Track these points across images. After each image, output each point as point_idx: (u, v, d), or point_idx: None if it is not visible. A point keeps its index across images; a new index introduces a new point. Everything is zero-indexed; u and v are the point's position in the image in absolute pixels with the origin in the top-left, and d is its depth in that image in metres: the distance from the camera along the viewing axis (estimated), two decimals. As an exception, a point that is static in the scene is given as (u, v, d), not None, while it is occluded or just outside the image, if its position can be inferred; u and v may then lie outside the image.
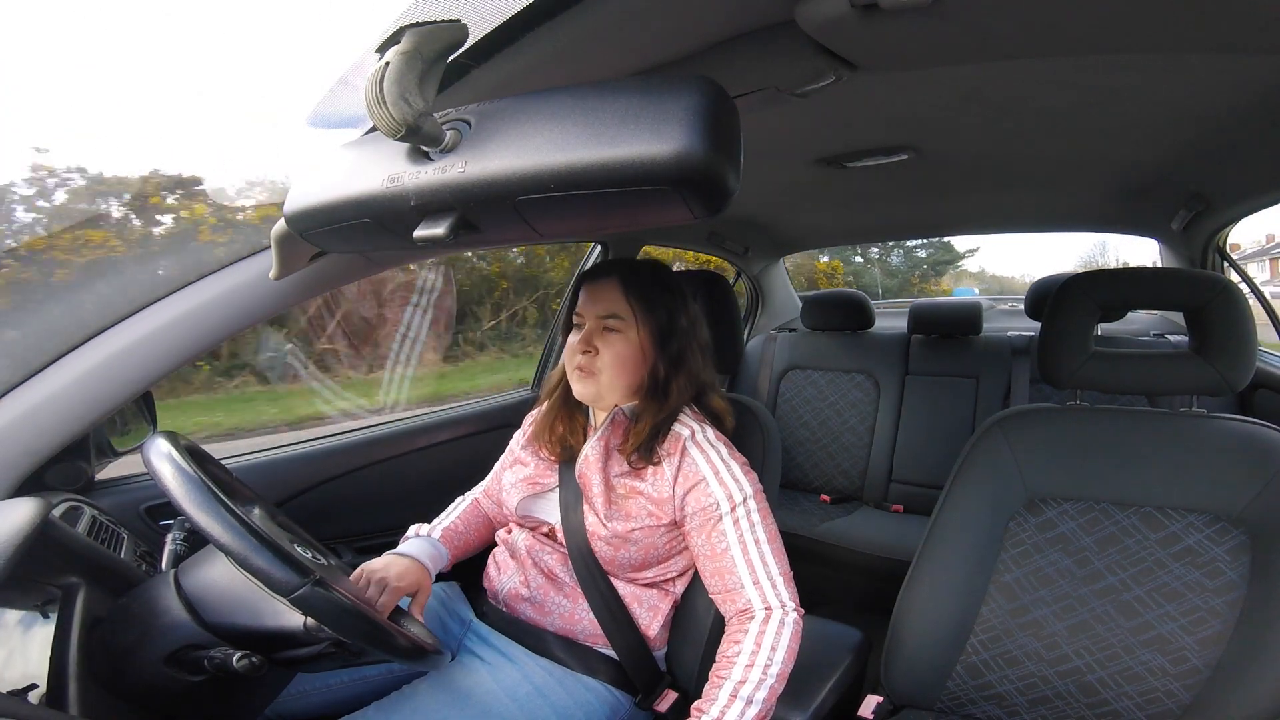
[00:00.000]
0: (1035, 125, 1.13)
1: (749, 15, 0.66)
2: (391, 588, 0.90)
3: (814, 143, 1.24)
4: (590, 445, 0.97)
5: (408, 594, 0.93)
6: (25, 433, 0.85)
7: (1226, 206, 1.45)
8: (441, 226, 0.51)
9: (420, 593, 0.95)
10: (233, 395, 4.29)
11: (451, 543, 1.06)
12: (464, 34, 0.49)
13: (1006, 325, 2.38)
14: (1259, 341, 1.05)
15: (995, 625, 1.00)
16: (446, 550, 1.04)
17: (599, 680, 0.95)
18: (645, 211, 0.49)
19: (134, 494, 1.13)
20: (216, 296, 0.91)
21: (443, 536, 1.06)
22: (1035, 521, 1.02)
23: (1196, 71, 0.87)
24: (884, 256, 12.18)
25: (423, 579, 0.96)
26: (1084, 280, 1.04)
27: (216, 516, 0.65)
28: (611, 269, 0.97)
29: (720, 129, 0.44)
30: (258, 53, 8.52)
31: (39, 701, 0.66)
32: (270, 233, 0.83)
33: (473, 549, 1.11)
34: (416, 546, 1.00)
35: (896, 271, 12.41)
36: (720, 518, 0.90)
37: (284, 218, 0.62)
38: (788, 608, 0.88)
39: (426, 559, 0.98)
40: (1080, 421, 1.04)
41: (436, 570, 1.00)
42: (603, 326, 0.94)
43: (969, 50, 0.72)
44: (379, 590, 0.89)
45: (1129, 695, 0.91)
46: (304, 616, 0.70)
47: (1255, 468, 0.91)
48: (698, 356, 0.98)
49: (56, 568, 0.75)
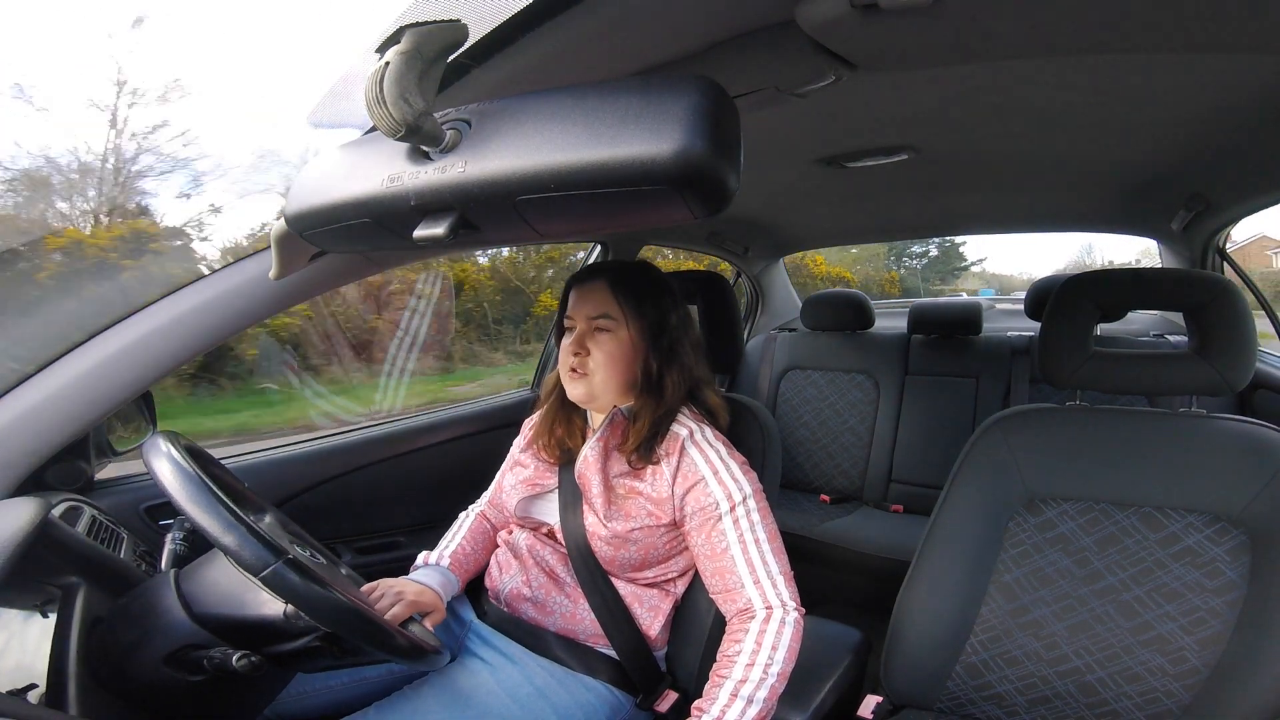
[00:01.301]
0: (1035, 125, 1.13)
1: (749, 15, 0.66)
2: (408, 601, 0.91)
3: (814, 143, 1.24)
4: (589, 446, 0.97)
5: (420, 613, 0.94)
6: (25, 432, 0.85)
7: (1226, 206, 1.45)
8: (441, 226, 0.51)
9: (435, 613, 0.96)
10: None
11: (461, 567, 1.06)
12: (464, 34, 0.49)
13: (1006, 325, 2.38)
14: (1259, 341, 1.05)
15: (995, 625, 1.00)
16: (456, 577, 1.04)
17: (600, 680, 0.95)
18: (645, 211, 0.49)
19: (134, 494, 1.13)
20: (216, 296, 0.91)
21: (451, 563, 1.05)
22: (1035, 521, 1.02)
23: (1196, 71, 0.87)
24: (896, 262, 12.64)
25: (436, 602, 0.96)
26: (1084, 280, 1.04)
27: (214, 513, 0.65)
28: (600, 271, 0.98)
29: (720, 129, 0.44)
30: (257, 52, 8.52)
31: (38, 701, 0.66)
32: (270, 232, 0.83)
33: (482, 568, 1.10)
34: (428, 575, 1.00)
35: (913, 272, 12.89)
36: (720, 517, 0.90)
37: (284, 218, 0.62)
38: (788, 607, 0.88)
39: (439, 586, 0.99)
40: (1080, 422, 1.04)
41: (449, 597, 1.00)
42: (594, 328, 0.95)
43: (969, 50, 0.72)
44: (391, 602, 0.90)
45: (1128, 695, 0.91)
46: (284, 605, 0.70)
47: (1255, 468, 0.91)
48: (690, 352, 0.99)
49: (56, 567, 0.75)
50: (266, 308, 0.96)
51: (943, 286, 12.68)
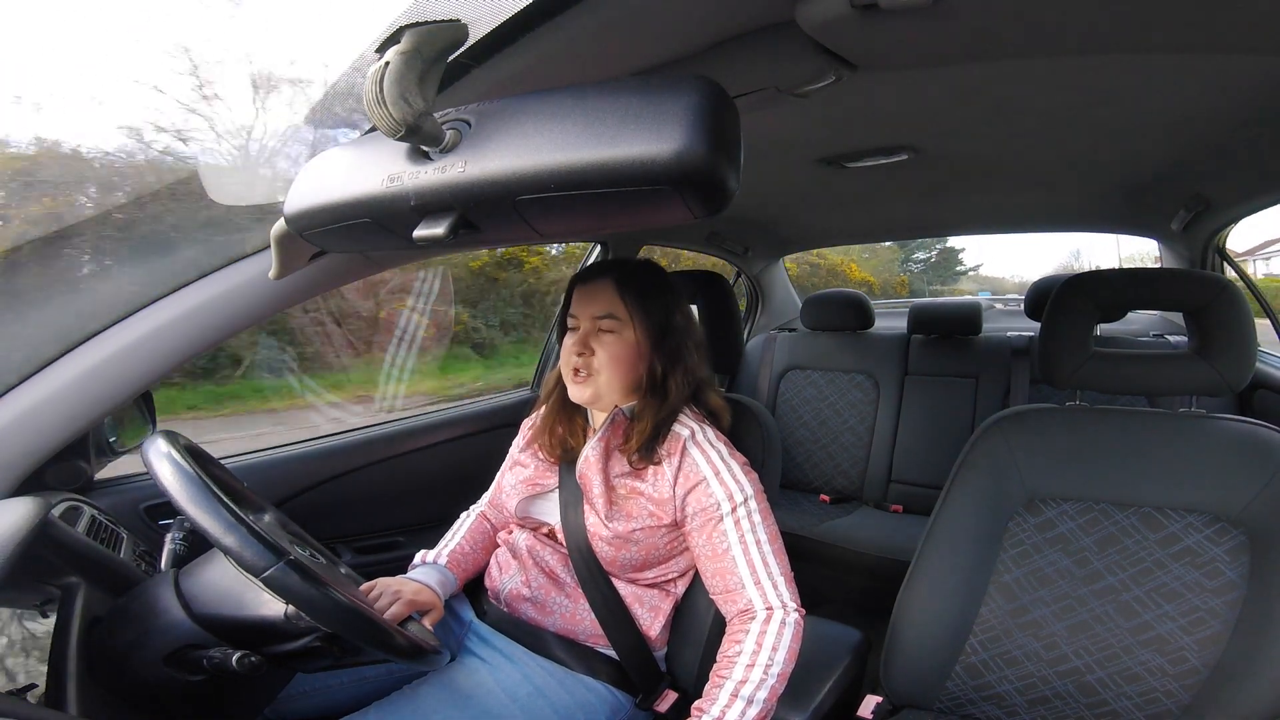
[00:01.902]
0: (1035, 125, 1.13)
1: (749, 15, 0.66)
2: (406, 599, 0.91)
3: (814, 143, 1.24)
4: (590, 446, 0.97)
5: (419, 611, 0.94)
6: (25, 432, 0.85)
7: (1227, 207, 1.45)
8: (441, 226, 0.51)
9: (433, 611, 0.96)
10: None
11: (459, 566, 1.06)
12: (464, 34, 0.49)
13: (1006, 325, 2.38)
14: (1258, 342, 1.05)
15: (994, 625, 1.00)
16: (454, 576, 1.04)
17: (599, 680, 0.95)
18: (645, 211, 0.49)
19: (133, 493, 1.13)
20: (216, 296, 0.91)
21: (449, 562, 1.05)
22: (1035, 522, 1.02)
23: (1196, 71, 0.87)
24: (902, 266, 12.94)
25: (434, 601, 0.96)
26: (1084, 280, 1.04)
27: (215, 513, 0.66)
28: (605, 269, 0.97)
29: (720, 129, 0.44)
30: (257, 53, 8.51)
31: (38, 701, 0.66)
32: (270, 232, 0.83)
33: (481, 568, 1.10)
34: (425, 573, 1.00)
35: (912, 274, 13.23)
36: (721, 518, 0.90)
37: (284, 217, 0.62)
38: (788, 608, 0.88)
39: (436, 584, 0.99)
40: (1080, 422, 1.04)
41: (446, 596, 1.00)
42: (598, 328, 0.95)
43: (969, 50, 0.72)
44: (390, 600, 0.90)
45: (1128, 695, 0.91)
46: (285, 605, 0.70)
47: (1255, 468, 0.91)
48: (693, 353, 0.98)
49: (56, 567, 0.75)
50: (266, 308, 0.96)
51: (941, 288, 13.10)
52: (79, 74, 3.84)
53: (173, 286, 0.91)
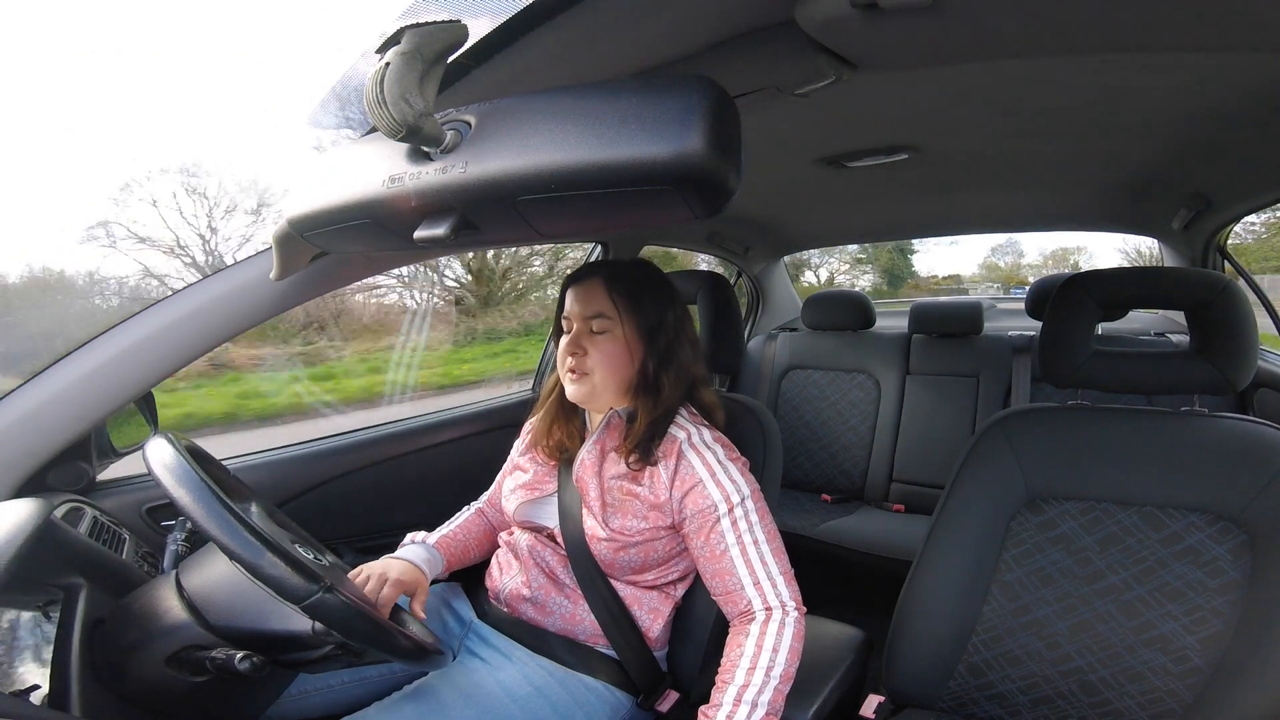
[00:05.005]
0: (1035, 125, 1.13)
1: (749, 15, 0.66)
2: (392, 580, 0.91)
3: (814, 143, 1.24)
4: (586, 449, 0.97)
5: (406, 592, 0.93)
6: (27, 434, 0.85)
7: (1227, 205, 1.44)
8: (442, 227, 0.51)
9: (419, 591, 0.95)
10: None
11: (448, 549, 1.06)
12: (464, 34, 0.49)
13: (1007, 324, 2.38)
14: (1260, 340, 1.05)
15: (997, 625, 1.00)
16: (442, 556, 1.04)
17: (600, 680, 0.95)
18: (645, 211, 0.49)
19: (135, 494, 1.13)
20: (217, 298, 0.92)
21: (439, 543, 1.05)
22: (1036, 521, 1.02)
23: (1196, 71, 0.86)
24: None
25: (419, 578, 0.96)
26: (1085, 279, 1.04)
27: (222, 521, 0.65)
28: (595, 270, 0.98)
29: (720, 129, 0.44)
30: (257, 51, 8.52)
31: (41, 702, 0.66)
32: (271, 233, 0.83)
33: (471, 559, 1.10)
34: (411, 551, 1.01)
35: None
36: (718, 519, 0.90)
37: (286, 219, 0.62)
38: (789, 607, 0.88)
39: (421, 562, 0.98)
40: (1081, 421, 1.04)
41: (432, 574, 1.00)
42: (590, 328, 0.95)
43: (969, 50, 0.72)
44: (379, 585, 0.90)
45: (1131, 695, 0.91)
46: (312, 621, 0.70)
47: (1256, 467, 0.90)
48: (687, 351, 0.98)
49: (58, 568, 0.75)
50: (268, 309, 0.96)
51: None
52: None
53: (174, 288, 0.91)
